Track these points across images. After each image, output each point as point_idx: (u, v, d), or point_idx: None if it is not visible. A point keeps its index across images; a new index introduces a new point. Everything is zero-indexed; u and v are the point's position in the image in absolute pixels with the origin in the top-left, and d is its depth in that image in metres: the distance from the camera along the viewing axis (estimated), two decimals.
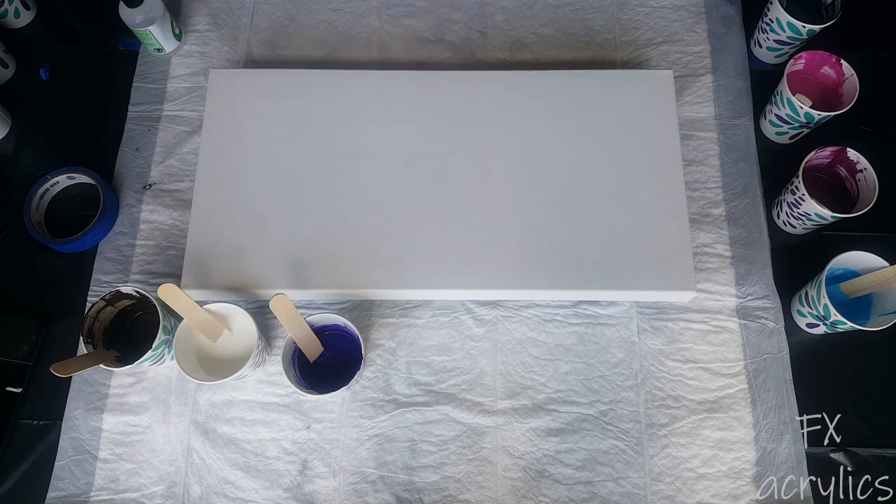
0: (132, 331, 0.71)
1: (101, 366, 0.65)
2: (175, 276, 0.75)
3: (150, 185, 0.79)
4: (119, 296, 0.67)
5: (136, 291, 0.66)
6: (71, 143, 0.82)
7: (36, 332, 0.73)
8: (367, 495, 0.67)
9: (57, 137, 0.83)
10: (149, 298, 0.66)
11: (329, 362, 0.70)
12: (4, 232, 0.78)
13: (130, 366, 0.64)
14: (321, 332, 0.69)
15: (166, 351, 0.67)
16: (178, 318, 0.68)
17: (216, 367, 0.68)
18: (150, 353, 0.64)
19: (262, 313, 0.73)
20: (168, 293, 0.63)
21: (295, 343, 0.67)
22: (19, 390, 0.71)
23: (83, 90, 0.85)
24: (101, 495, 0.68)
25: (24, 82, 0.86)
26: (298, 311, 0.64)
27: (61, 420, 0.70)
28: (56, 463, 0.68)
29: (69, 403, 0.70)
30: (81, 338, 0.66)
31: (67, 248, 0.74)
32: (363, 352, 0.66)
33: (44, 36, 0.88)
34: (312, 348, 0.68)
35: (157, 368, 0.71)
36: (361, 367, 0.66)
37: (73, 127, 0.83)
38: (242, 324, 0.69)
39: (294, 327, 0.65)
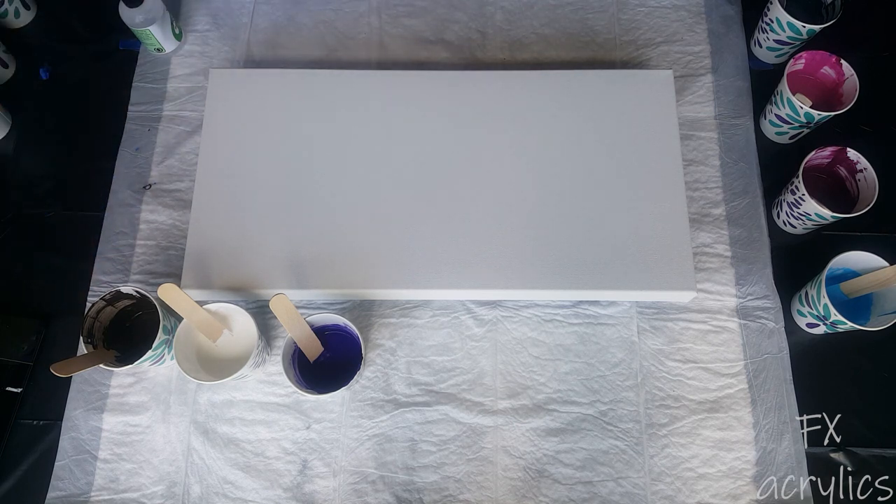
0: (132, 331, 0.71)
1: (101, 366, 0.65)
2: (175, 276, 0.75)
3: (150, 185, 0.79)
4: (119, 296, 0.67)
5: (137, 291, 0.66)
6: (71, 143, 0.82)
7: (36, 332, 0.73)
8: (367, 495, 0.67)
9: (57, 137, 0.83)
10: (149, 298, 0.66)
11: (329, 362, 0.70)
12: (4, 232, 0.78)
13: (130, 366, 0.64)
14: (321, 332, 0.69)
15: (166, 351, 0.67)
16: (179, 318, 0.68)
17: (216, 367, 0.68)
18: (150, 353, 0.64)
19: (262, 313, 0.73)
20: (168, 293, 0.63)
21: (295, 343, 0.67)
22: (19, 390, 0.71)
23: (83, 90, 0.85)
24: (101, 495, 0.68)
25: (24, 82, 0.86)
26: (298, 311, 0.64)
27: (61, 420, 0.70)
28: (56, 463, 0.68)
29: (69, 403, 0.70)
30: (81, 338, 0.65)
31: None
32: (363, 352, 0.66)
33: (44, 36, 0.88)
34: (312, 348, 0.68)
35: (157, 368, 0.71)
36: (361, 367, 0.66)
37: (73, 127, 0.83)
38: (242, 324, 0.69)
39: (294, 327, 0.65)
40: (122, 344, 0.69)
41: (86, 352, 0.65)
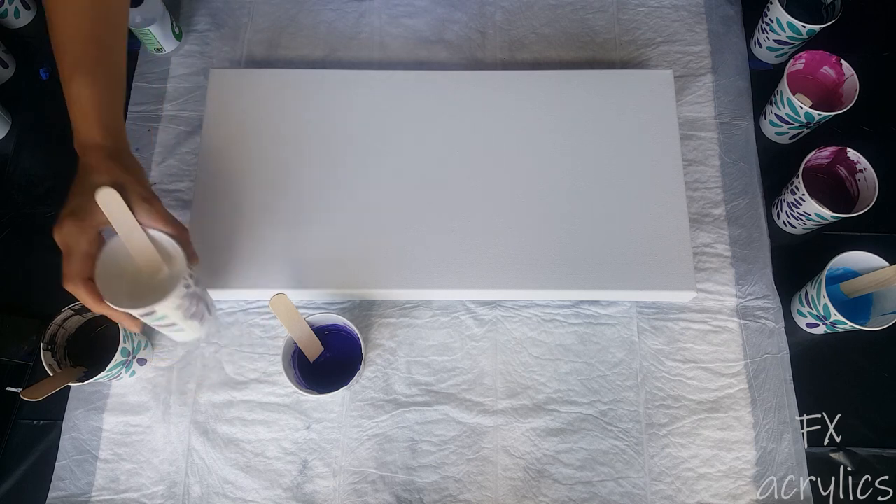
0: (95, 342, 0.69)
1: (68, 384, 0.64)
2: None
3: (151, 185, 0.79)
4: (86, 308, 0.65)
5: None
6: (71, 144, 0.82)
7: (36, 332, 0.73)
8: (367, 495, 0.67)
9: (57, 137, 0.83)
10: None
11: (329, 362, 0.70)
12: (4, 232, 0.78)
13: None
14: (321, 332, 0.69)
15: (123, 370, 0.67)
16: (144, 339, 0.69)
17: (143, 298, 0.56)
18: (104, 373, 0.63)
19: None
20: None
21: (295, 343, 0.67)
22: (19, 390, 0.71)
23: None
24: (101, 495, 0.68)
25: (24, 82, 0.86)
26: (298, 311, 0.64)
27: (61, 420, 0.70)
28: (57, 463, 0.68)
29: (69, 403, 0.70)
30: (42, 344, 0.64)
31: None
32: (363, 352, 0.66)
33: (44, 36, 0.87)
34: (312, 348, 0.68)
35: (157, 368, 0.72)
36: (361, 367, 0.66)
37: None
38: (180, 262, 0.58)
39: (294, 327, 0.65)
40: (85, 353, 0.68)
41: (43, 358, 0.64)
